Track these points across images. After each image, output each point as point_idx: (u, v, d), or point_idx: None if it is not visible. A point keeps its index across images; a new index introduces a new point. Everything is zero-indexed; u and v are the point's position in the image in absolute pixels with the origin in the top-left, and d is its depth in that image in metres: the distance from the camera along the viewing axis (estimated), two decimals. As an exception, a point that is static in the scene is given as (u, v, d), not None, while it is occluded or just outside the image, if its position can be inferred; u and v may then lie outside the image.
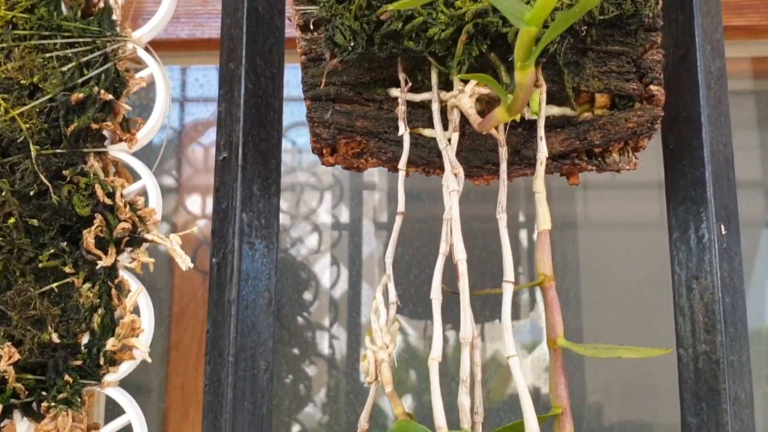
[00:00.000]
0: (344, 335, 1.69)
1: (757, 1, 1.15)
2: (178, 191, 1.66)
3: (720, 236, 0.68)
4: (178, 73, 1.59)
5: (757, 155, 1.64)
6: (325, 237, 1.77)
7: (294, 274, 1.70)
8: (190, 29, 1.16)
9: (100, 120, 0.66)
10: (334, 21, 0.63)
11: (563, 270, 1.62)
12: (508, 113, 0.55)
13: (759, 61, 1.45)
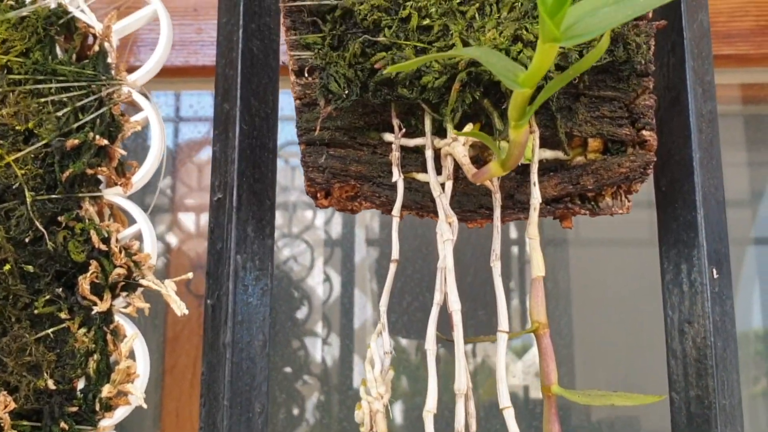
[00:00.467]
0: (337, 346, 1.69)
1: (746, 31, 1.15)
2: (172, 210, 1.66)
3: (712, 280, 0.68)
4: (172, 99, 1.59)
5: (745, 174, 1.66)
6: (317, 253, 1.77)
7: (287, 291, 1.71)
8: (184, 57, 1.17)
9: (96, 165, 0.66)
10: (329, 69, 0.63)
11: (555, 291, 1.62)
12: (502, 168, 0.55)
13: (748, 88, 1.47)
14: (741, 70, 1.25)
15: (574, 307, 1.66)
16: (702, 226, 0.69)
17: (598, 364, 1.65)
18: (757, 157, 1.65)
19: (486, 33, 0.62)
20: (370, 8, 0.63)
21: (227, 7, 0.75)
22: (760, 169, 1.67)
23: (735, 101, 1.52)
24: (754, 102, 1.53)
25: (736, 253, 1.73)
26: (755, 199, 1.71)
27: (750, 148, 1.62)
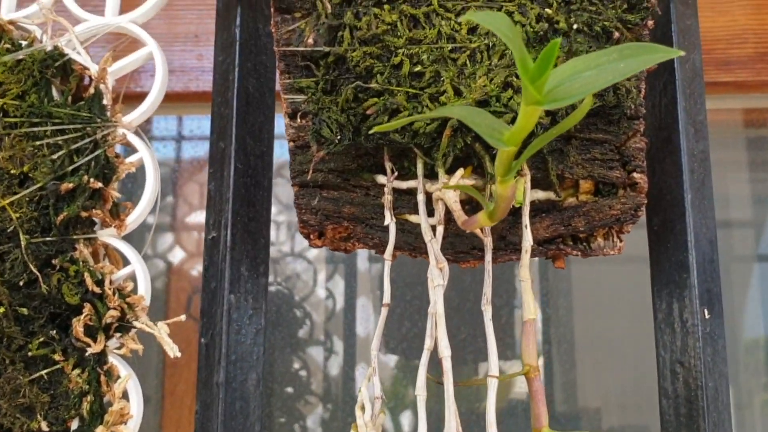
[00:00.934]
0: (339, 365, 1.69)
1: (745, 58, 1.16)
2: (174, 229, 1.67)
3: (704, 320, 0.68)
4: (174, 121, 1.60)
5: (748, 195, 1.66)
6: (319, 271, 1.78)
7: (288, 310, 1.71)
8: (184, 83, 1.18)
9: (90, 208, 0.66)
10: (321, 114, 0.64)
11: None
12: (489, 219, 0.56)
13: (750, 112, 1.47)
14: (740, 96, 1.25)
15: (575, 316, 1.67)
16: (694, 266, 0.69)
17: (599, 381, 1.65)
18: (760, 178, 1.65)
19: (477, 80, 0.62)
20: (363, 55, 0.63)
21: (224, 46, 0.76)
22: (762, 189, 1.67)
23: (737, 124, 1.53)
24: (755, 125, 1.53)
25: (742, 270, 1.73)
26: (758, 218, 1.72)
27: (752, 168, 1.63)
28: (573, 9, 0.63)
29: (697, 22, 0.75)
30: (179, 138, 1.68)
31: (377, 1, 0.64)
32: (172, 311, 1.50)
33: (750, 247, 1.74)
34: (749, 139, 1.55)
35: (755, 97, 1.25)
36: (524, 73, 0.43)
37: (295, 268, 1.77)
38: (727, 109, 1.45)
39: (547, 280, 1.60)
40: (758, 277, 1.75)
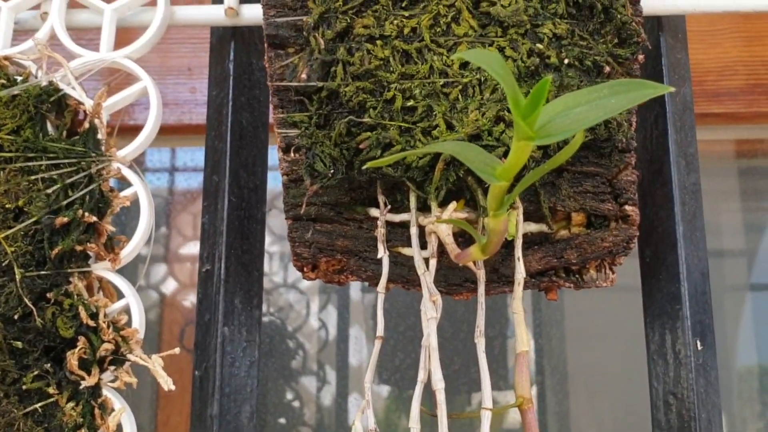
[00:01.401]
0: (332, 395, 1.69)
1: (736, 89, 1.17)
2: (167, 260, 1.67)
3: (696, 352, 0.69)
4: (167, 153, 1.61)
5: (740, 224, 1.67)
6: (312, 302, 1.78)
7: (281, 341, 1.71)
8: (177, 116, 1.18)
9: (84, 242, 0.66)
10: (314, 148, 0.64)
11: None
12: (482, 253, 0.56)
13: (742, 143, 1.48)
14: (731, 127, 1.26)
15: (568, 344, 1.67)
16: (686, 298, 0.70)
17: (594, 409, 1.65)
18: (752, 208, 1.66)
19: (469, 114, 0.63)
20: (356, 90, 0.64)
21: (217, 81, 0.77)
22: (754, 219, 1.68)
23: (729, 155, 1.54)
24: (747, 156, 1.54)
25: (735, 299, 1.74)
26: (750, 247, 1.73)
27: (744, 198, 1.63)
28: (564, 44, 0.64)
29: (687, 55, 0.76)
30: (172, 169, 1.68)
31: (370, 37, 0.65)
32: (165, 343, 1.50)
33: (742, 277, 1.75)
34: (741, 170, 1.56)
35: (746, 128, 1.26)
36: (516, 109, 0.44)
37: (288, 299, 1.77)
38: (719, 140, 1.46)
39: (540, 310, 1.60)
40: (751, 306, 1.76)
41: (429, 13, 0.65)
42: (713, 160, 1.56)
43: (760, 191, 1.63)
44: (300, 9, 0.68)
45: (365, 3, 0.66)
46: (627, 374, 1.54)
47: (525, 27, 0.64)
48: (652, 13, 0.73)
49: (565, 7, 0.65)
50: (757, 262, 1.75)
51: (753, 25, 1.20)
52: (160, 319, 1.60)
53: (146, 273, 1.66)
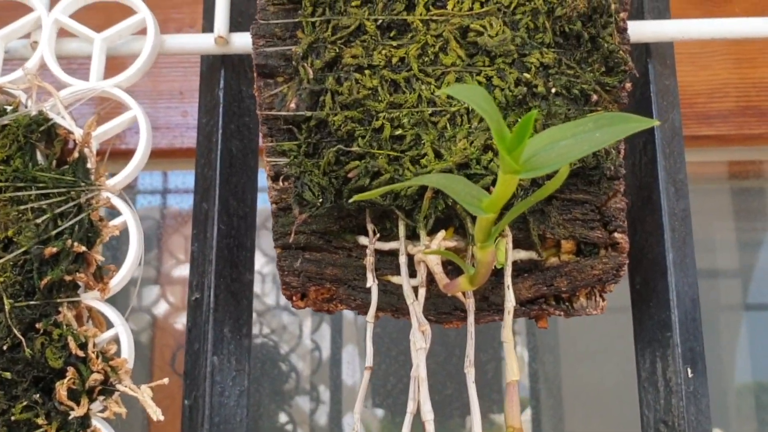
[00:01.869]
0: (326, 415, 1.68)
1: (726, 111, 1.17)
2: (159, 282, 1.67)
3: (687, 379, 0.69)
4: (159, 177, 1.61)
5: (734, 245, 1.67)
6: (305, 324, 1.77)
7: (274, 364, 1.70)
8: (169, 140, 1.18)
9: (74, 271, 0.66)
10: (303, 177, 0.64)
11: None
12: (470, 284, 0.56)
13: (734, 164, 1.49)
14: (722, 149, 1.27)
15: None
16: (676, 325, 0.70)
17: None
18: (745, 228, 1.67)
19: (457, 142, 0.63)
20: (344, 119, 0.64)
21: (207, 108, 0.77)
22: (747, 239, 1.68)
23: (722, 176, 1.55)
24: (739, 177, 1.55)
25: (730, 319, 1.74)
26: (744, 267, 1.73)
27: (738, 218, 1.64)
28: (551, 73, 0.64)
29: (676, 81, 0.76)
30: (165, 192, 1.68)
31: (358, 67, 0.65)
32: (157, 367, 1.49)
33: (737, 296, 1.75)
34: (734, 191, 1.57)
35: (738, 150, 1.26)
36: (501, 143, 0.44)
37: (281, 320, 1.77)
38: (712, 162, 1.46)
39: (534, 335, 1.60)
40: (745, 325, 1.76)
41: (417, 43, 0.65)
42: (706, 182, 1.57)
43: (753, 211, 1.63)
44: (289, 39, 0.68)
45: (354, 33, 0.66)
46: (622, 395, 1.54)
47: (512, 56, 0.64)
48: (640, 40, 0.74)
49: (552, 37, 0.65)
50: (751, 281, 1.75)
51: (743, 47, 1.21)
52: (151, 342, 1.59)
53: (138, 295, 1.66)
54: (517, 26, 0.65)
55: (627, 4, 0.68)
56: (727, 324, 1.72)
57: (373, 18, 0.66)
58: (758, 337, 1.71)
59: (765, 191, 1.58)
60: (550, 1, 0.65)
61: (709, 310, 1.66)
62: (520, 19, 0.65)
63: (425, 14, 0.66)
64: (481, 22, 0.65)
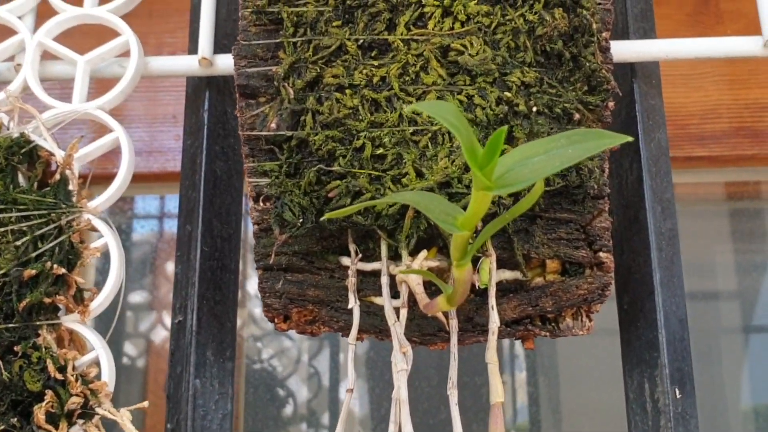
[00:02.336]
0: None
1: (719, 132, 1.17)
2: (155, 307, 1.66)
3: (675, 400, 0.68)
4: (156, 202, 1.61)
5: (732, 266, 1.66)
6: (303, 348, 1.76)
7: (271, 390, 1.69)
8: (161, 164, 1.18)
9: (53, 294, 0.66)
10: (284, 197, 0.64)
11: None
12: (449, 304, 0.55)
13: (731, 185, 1.49)
14: (717, 170, 1.26)
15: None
16: (664, 345, 0.69)
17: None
18: (743, 249, 1.66)
19: (438, 161, 0.62)
20: (325, 138, 0.63)
21: (192, 130, 0.77)
22: (745, 260, 1.67)
23: (720, 197, 1.54)
24: (737, 198, 1.54)
25: (728, 342, 1.73)
26: (743, 289, 1.72)
27: (735, 239, 1.63)
28: (533, 92, 0.64)
29: (662, 101, 0.76)
30: (161, 216, 1.68)
31: (339, 86, 0.65)
32: (151, 392, 1.49)
33: (736, 318, 1.74)
34: (732, 212, 1.56)
35: (733, 171, 1.26)
36: (472, 160, 0.43)
37: (280, 345, 1.76)
38: (709, 183, 1.46)
39: (529, 357, 1.59)
40: (744, 347, 1.75)
41: (398, 63, 0.65)
42: (704, 203, 1.56)
43: (751, 233, 1.63)
44: (271, 59, 0.68)
45: (335, 53, 0.66)
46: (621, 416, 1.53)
47: (493, 75, 0.64)
48: (625, 59, 0.73)
49: (534, 56, 0.65)
50: (750, 303, 1.74)
51: (735, 68, 1.21)
52: (146, 367, 1.59)
53: (134, 320, 1.66)
54: (497, 45, 0.65)
55: (609, 24, 0.68)
56: (725, 346, 1.70)
57: (354, 38, 0.66)
58: (758, 360, 1.70)
59: (763, 212, 1.57)
60: (530, 21, 0.65)
61: (708, 333, 1.65)
62: (501, 39, 0.65)
63: (406, 34, 0.65)
64: (461, 42, 0.65)
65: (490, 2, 0.66)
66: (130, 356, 1.63)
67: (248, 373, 1.66)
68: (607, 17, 0.68)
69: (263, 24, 0.68)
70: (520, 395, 1.62)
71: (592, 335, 0.68)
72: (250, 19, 0.68)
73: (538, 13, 0.65)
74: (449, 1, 0.66)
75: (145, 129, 1.22)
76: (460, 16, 0.65)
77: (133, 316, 1.66)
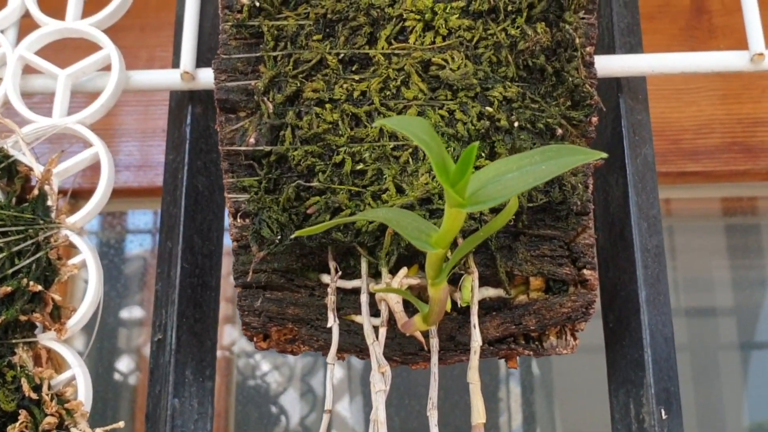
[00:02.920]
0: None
1: (712, 147, 1.16)
2: (148, 323, 1.65)
3: (661, 421, 0.67)
4: (150, 216, 1.60)
5: (728, 282, 1.65)
6: (296, 366, 1.75)
7: (264, 407, 1.68)
8: (150, 178, 1.17)
9: (29, 312, 0.65)
10: (262, 214, 0.63)
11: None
12: (425, 323, 0.54)
13: (726, 200, 1.48)
14: (716, 185, 1.25)
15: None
16: (650, 364, 0.68)
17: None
18: (739, 266, 1.64)
19: (419, 177, 0.61)
20: (304, 153, 0.63)
21: (174, 145, 0.76)
22: (741, 277, 1.66)
23: (716, 213, 1.53)
24: (733, 214, 1.53)
25: (725, 359, 1.71)
26: (740, 306, 1.70)
27: (732, 256, 1.62)
28: (515, 107, 0.63)
29: (649, 116, 0.75)
30: (155, 231, 1.67)
31: (319, 101, 0.64)
32: (139, 409, 1.47)
33: (732, 335, 1.73)
34: (728, 228, 1.55)
35: (727, 186, 1.25)
36: (443, 177, 0.42)
37: (274, 362, 1.75)
38: (705, 199, 1.45)
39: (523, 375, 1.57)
40: (741, 364, 1.73)
41: (379, 77, 0.64)
42: (699, 219, 1.55)
43: (748, 249, 1.61)
44: (251, 73, 0.67)
45: (315, 67, 0.65)
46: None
47: (475, 90, 0.63)
48: (610, 74, 0.73)
49: (516, 71, 0.64)
50: (747, 320, 1.72)
51: (728, 83, 1.20)
52: (139, 385, 1.57)
53: (128, 337, 1.65)
54: (479, 60, 0.64)
55: (593, 39, 0.67)
56: (723, 363, 1.69)
57: (335, 52, 0.65)
58: (756, 377, 1.69)
59: (759, 227, 1.56)
60: (512, 35, 0.64)
61: (705, 349, 1.64)
62: (483, 53, 0.64)
63: (387, 48, 0.65)
64: (443, 56, 0.64)
65: (472, 16, 0.65)
66: (122, 373, 1.62)
67: (239, 390, 1.65)
68: (591, 32, 0.67)
69: (244, 38, 0.67)
70: (514, 413, 1.61)
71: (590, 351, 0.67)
72: (230, 33, 0.67)
73: (520, 28, 0.65)
74: (431, 15, 0.65)
75: (138, 143, 1.21)
76: (442, 31, 0.65)
77: (126, 332, 1.65)
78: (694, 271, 1.62)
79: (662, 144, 1.16)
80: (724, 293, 1.67)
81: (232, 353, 1.66)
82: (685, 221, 1.52)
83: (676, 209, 1.48)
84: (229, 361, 1.62)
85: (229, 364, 1.62)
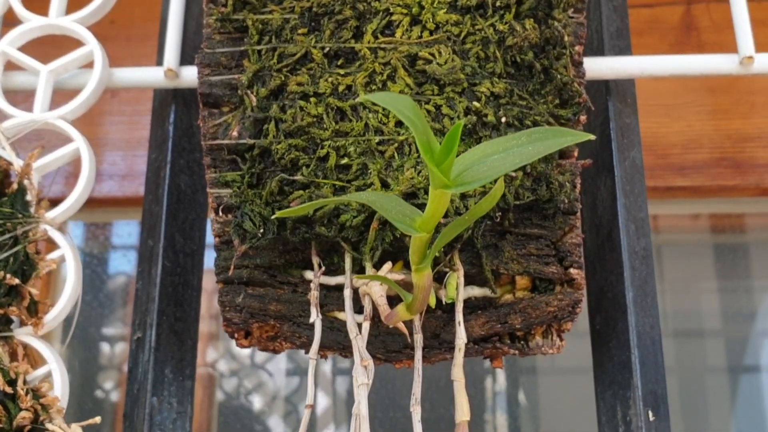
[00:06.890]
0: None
1: (701, 163, 1.15)
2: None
3: (648, 423, 0.65)
4: (135, 227, 1.59)
5: (716, 302, 1.64)
6: (281, 384, 1.73)
7: (248, 426, 1.66)
8: (135, 187, 1.16)
9: (6, 305, 0.64)
10: (244, 207, 0.62)
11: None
12: (409, 312, 0.53)
13: (714, 217, 1.48)
14: (704, 201, 1.25)
15: None
16: (637, 366, 0.67)
17: None
18: (727, 285, 1.64)
19: (404, 172, 0.61)
20: (288, 147, 0.62)
21: (157, 144, 0.75)
22: (729, 296, 1.65)
23: (703, 230, 1.53)
24: (720, 231, 1.53)
25: (713, 382, 1.70)
26: (727, 327, 1.70)
27: (720, 275, 1.61)
28: (502, 103, 0.63)
29: (637, 119, 0.74)
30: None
31: (303, 94, 0.63)
32: (119, 422, 1.45)
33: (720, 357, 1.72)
34: (716, 246, 1.55)
35: (715, 201, 1.25)
36: (428, 156, 0.42)
37: (258, 379, 1.73)
38: (694, 215, 1.45)
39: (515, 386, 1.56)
40: (728, 389, 1.72)
41: (364, 71, 0.63)
42: (686, 237, 1.54)
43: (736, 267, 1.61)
44: (235, 68, 0.66)
45: (300, 61, 0.65)
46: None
47: (462, 85, 0.63)
48: (598, 76, 0.72)
49: (504, 67, 0.64)
50: (735, 342, 1.72)
51: (717, 98, 1.20)
52: (119, 400, 1.55)
53: (112, 351, 1.63)
54: (467, 55, 0.64)
55: (582, 38, 0.67)
56: (710, 386, 1.68)
57: (320, 46, 0.64)
58: (743, 400, 1.67)
59: (747, 245, 1.56)
60: (501, 31, 0.64)
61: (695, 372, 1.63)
62: (470, 48, 0.64)
63: (373, 42, 0.64)
64: (429, 50, 0.63)
65: (460, 11, 0.65)
66: (104, 389, 1.60)
67: (221, 408, 1.63)
68: (579, 31, 0.67)
69: (228, 32, 0.67)
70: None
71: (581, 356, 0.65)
72: (214, 27, 0.67)
73: (508, 23, 0.64)
74: (418, 10, 0.64)
75: (126, 153, 1.20)
76: (429, 25, 0.64)
77: (109, 348, 1.63)
78: (682, 291, 1.62)
79: (650, 158, 1.15)
80: (712, 315, 1.67)
81: (215, 369, 1.65)
82: (672, 244, 1.52)
83: (663, 227, 1.48)
84: (211, 380, 1.60)
85: (211, 383, 1.60)
